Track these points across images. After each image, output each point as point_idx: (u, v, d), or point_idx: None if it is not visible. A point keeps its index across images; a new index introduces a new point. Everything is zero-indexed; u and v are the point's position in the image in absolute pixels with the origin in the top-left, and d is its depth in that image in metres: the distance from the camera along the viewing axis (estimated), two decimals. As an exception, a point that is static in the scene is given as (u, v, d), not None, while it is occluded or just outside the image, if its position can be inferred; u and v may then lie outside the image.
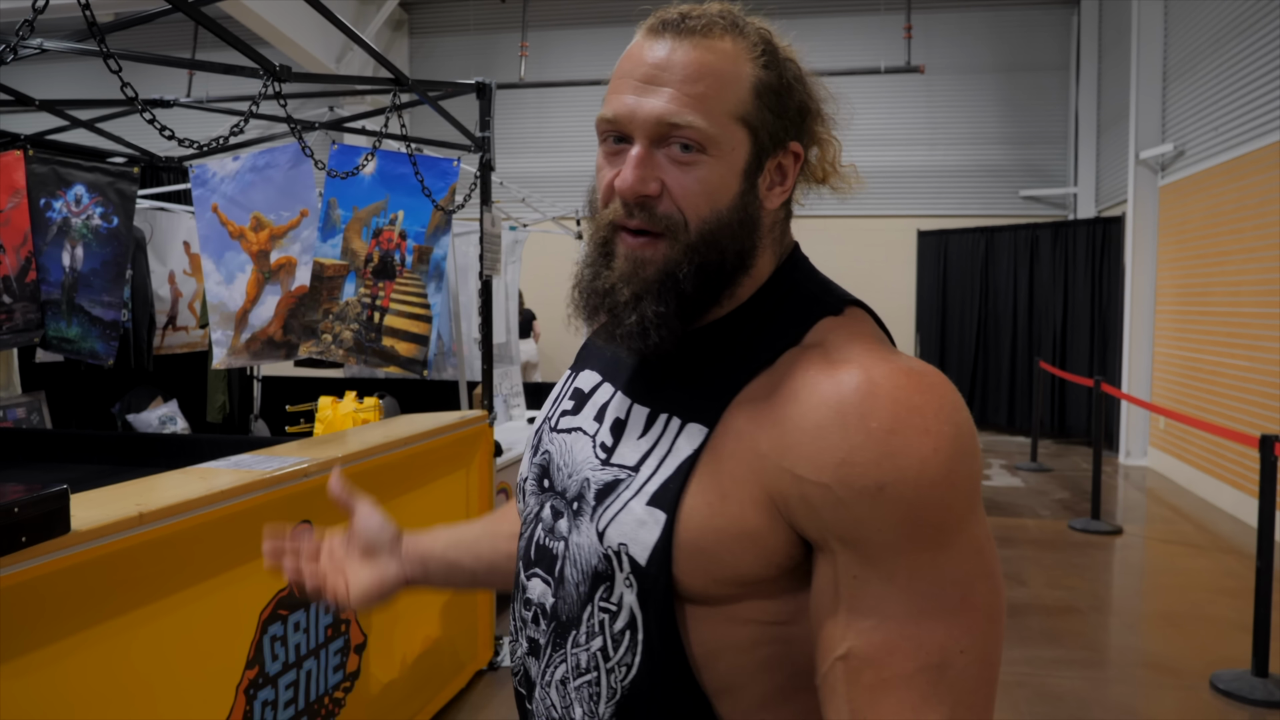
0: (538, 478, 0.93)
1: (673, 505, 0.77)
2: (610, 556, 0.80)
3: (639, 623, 0.80)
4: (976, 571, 0.73)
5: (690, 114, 0.78)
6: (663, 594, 0.78)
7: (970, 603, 0.72)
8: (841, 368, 0.75)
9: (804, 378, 0.77)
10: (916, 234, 10.32)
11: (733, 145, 0.80)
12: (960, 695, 0.71)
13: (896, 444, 0.71)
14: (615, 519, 0.81)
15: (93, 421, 4.74)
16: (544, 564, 0.88)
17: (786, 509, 0.75)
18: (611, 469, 0.83)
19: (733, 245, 0.81)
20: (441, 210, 3.32)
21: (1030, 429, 8.38)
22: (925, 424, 0.71)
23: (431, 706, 2.97)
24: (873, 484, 0.71)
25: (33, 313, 3.35)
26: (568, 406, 0.95)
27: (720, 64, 0.79)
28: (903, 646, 0.71)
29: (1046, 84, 10.29)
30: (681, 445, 0.80)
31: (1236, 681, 3.32)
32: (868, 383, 0.73)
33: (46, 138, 4.02)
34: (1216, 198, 6.58)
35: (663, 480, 0.79)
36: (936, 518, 0.71)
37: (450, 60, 11.21)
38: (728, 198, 0.80)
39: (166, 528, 1.76)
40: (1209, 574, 4.83)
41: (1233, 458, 6.13)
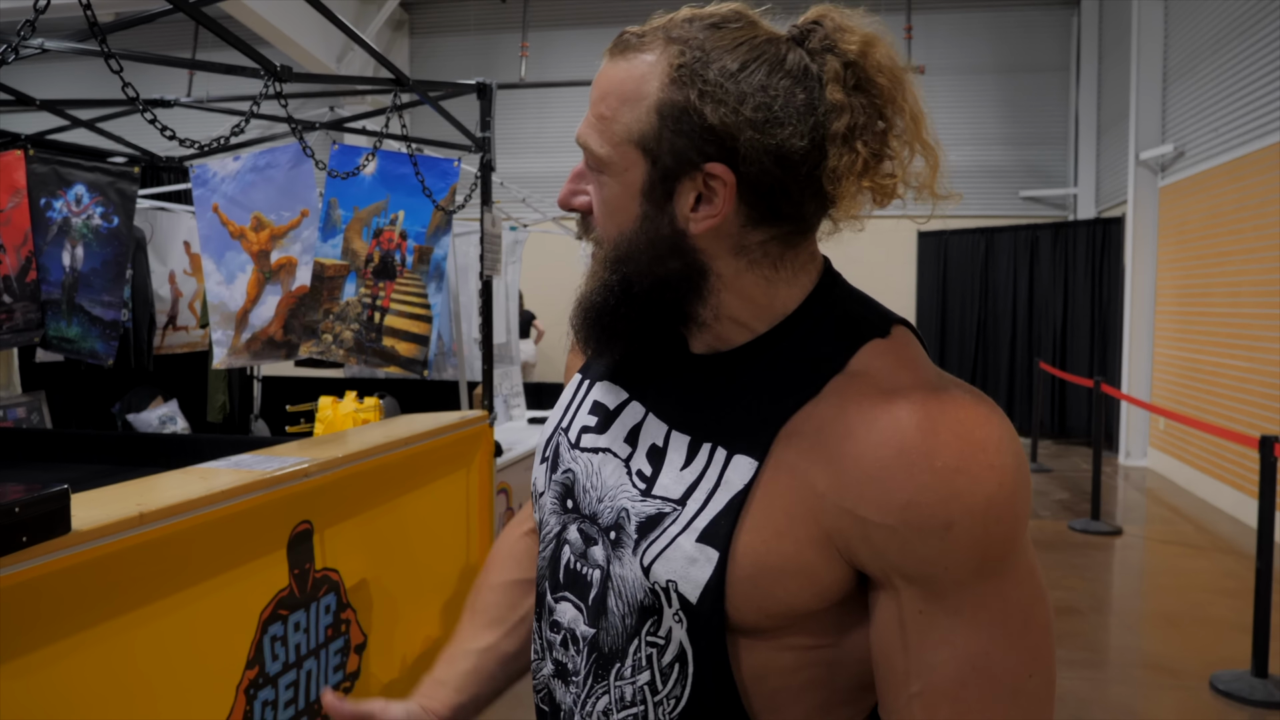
0: (560, 497, 0.90)
1: (725, 543, 0.76)
2: (659, 592, 0.79)
3: (689, 657, 0.79)
4: (1034, 594, 0.74)
5: (589, 136, 0.80)
6: (716, 630, 0.77)
7: (1032, 624, 0.73)
8: (898, 403, 0.73)
9: (858, 413, 0.74)
10: (916, 234, 10.32)
11: (625, 167, 0.79)
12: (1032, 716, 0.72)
13: (962, 483, 0.70)
14: (662, 555, 0.79)
15: (93, 421, 4.74)
16: (576, 589, 0.87)
17: (847, 548, 0.74)
18: (654, 501, 0.81)
19: (652, 266, 0.80)
20: (442, 210, 3.32)
21: (1030, 429, 8.38)
22: (989, 460, 0.71)
23: (431, 706, 2.97)
24: (940, 524, 0.70)
25: (33, 312, 3.35)
26: (589, 423, 0.91)
27: (626, 85, 0.78)
28: (975, 679, 0.71)
29: (1047, 85, 10.29)
30: (730, 479, 0.78)
31: (1236, 682, 3.33)
32: (929, 420, 0.72)
33: (47, 137, 4.02)
34: (1217, 198, 6.58)
35: (713, 516, 0.77)
36: (1001, 550, 0.71)
37: (451, 60, 11.22)
38: (629, 219, 0.80)
39: (167, 528, 1.76)
40: (1209, 575, 4.83)
41: (1232, 458, 6.13)
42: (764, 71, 0.75)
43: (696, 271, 0.80)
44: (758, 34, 0.77)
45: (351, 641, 2.50)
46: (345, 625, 2.48)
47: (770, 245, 0.81)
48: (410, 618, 2.87)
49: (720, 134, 0.75)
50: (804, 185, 0.77)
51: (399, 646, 2.78)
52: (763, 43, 0.77)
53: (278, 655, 2.18)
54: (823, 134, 0.76)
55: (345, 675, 2.47)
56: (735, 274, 0.81)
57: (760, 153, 0.75)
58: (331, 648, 2.41)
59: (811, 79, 0.76)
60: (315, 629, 2.33)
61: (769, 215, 0.79)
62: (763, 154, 0.75)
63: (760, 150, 0.75)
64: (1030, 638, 0.73)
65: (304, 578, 2.26)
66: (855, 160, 0.76)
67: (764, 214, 0.78)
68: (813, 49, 0.77)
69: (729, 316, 0.82)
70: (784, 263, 0.82)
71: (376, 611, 2.62)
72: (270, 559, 2.15)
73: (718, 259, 0.80)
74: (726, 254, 0.80)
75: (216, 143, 2.30)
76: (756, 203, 0.78)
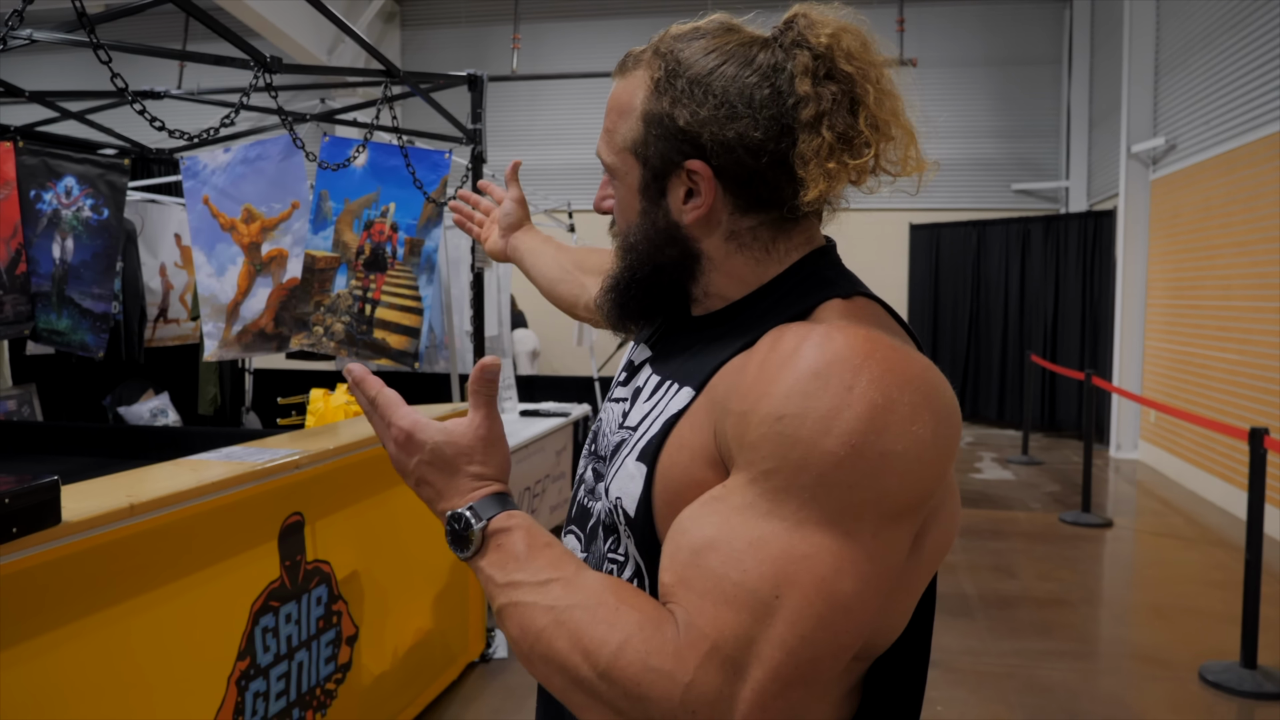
0: (591, 442, 1.01)
1: (652, 458, 0.83)
2: (613, 510, 0.87)
3: (644, 572, 0.85)
4: (845, 549, 0.70)
5: (600, 147, 0.92)
6: (653, 543, 0.82)
7: (818, 565, 0.69)
8: (816, 330, 0.77)
9: (778, 339, 0.79)
10: (909, 227, 10.33)
11: (627, 171, 0.90)
12: (773, 630, 0.68)
13: (813, 387, 0.71)
14: (616, 475, 0.88)
15: (84, 414, 4.73)
16: (579, 521, 0.96)
17: (723, 446, 0.78)
18: (623, 431, 0.91)
19: (655, 253, 0.90)
20: (433, 202, 3.31)
21: (1021, 422, 8.41)
22: (852, 384, 0.71)
23: (423, 698, 2.98)
24: (774, 413, 0.72)
25: (23, 305, 3.34)
26: (620, 378, 1.01)
27: (622, 99, 0.90)
28: (724, 551, 0.71)
29: (1039, 77, 10.30)
30: (670, 405, 0.86)
31: (1225, 673, 3.35)
32: (824, 340, 0.75)
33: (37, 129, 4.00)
34: (1208, 191, 6.60)
35: (649, 437, 0.85)
36: (822, 471, 0.69)
37: (442, 52, 11.18)
38: (634, 215, 0.91)
39: (157, 519, 1.76)
40: (1198, 566, 4.86)
41: (1223, 451, 6.17)
42: (730, 72, 0.83)
43: (690, 256, 0.89)
44: (732, 39, 0.85)
45: (343, 633, 2.51)
46: (337, 617, 2.48)
47: (761, 230, 0.87)
48: (402, 610, 2.87)
49: (690, 133, 0.84)
50: (778, 171, 0.82)
51: (391, 638, 2.78)
52: (735, 46, 0.85)
53: (269, 646, 2.18)
54: (792, 122, 0.81)
55: (337, 667, 2.47)
56: (725, 256, 0.88)
57: (725, 145, 0.82)
58: (323, 639, 2.41)
59: (780, 73, 0.82)
60: (307, 620, 2.33)
61: (754, 202, 0.85)
62: (729, 146, 0.82)
63: (723, 143, 0.82)
64: (806, 570, 0.69)
65: (295, 569, 2.27)
66: (821, 144, 0.80)
67: (749, 201, 0.85)
68: (786, 45, 0.84)
69: (717, 293, 0.90)
70: (776, 246, 0.88)
71: (368, 603, 2.62)
72: (261, 550, 2.15)
73: (709, 244, 0.88)
74: (718, 239, 0.88)
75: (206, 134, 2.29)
76: (740, 191, 0.85)
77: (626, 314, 0.95)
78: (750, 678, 0.68)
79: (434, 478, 0.86)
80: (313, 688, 2.36)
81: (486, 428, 0.85)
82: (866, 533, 0.70)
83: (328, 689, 2.43)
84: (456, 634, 3.26)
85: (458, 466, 0.85)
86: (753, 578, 0.69)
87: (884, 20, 9.69)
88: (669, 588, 0.74)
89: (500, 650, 3.51)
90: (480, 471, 0.85)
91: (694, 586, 0.71)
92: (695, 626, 0.70)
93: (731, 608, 0.69)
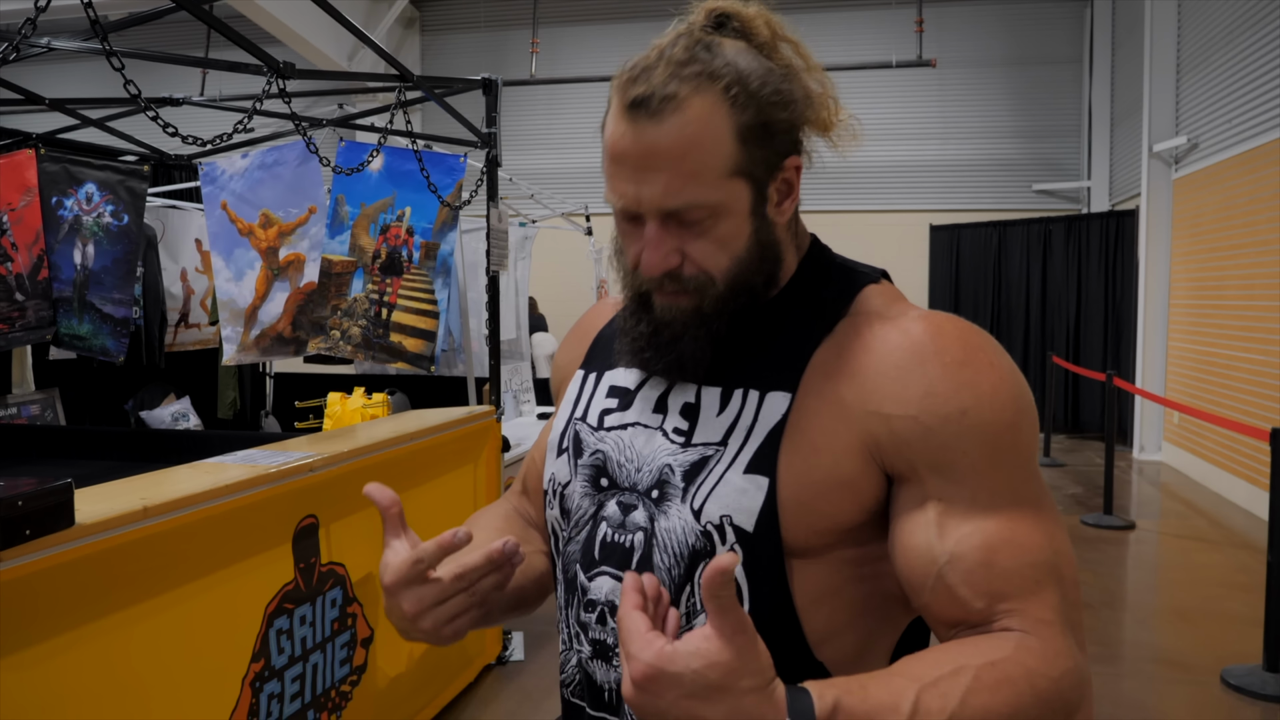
0: (591, 479, 0.92)
1: (772, 468, 0.82)
2: (711, 532, 0.83)
3: (744, 593, 0.83)
4: (1044, 490, 0.83)
5: (688, 193, 0.81)
6: (772, 556, 0.82)
7: (1042, 506, 0.81)
8: (905, 320, 0.85)
9: (872, 335, 0.85)
10: (929, 228, 10.28)
11: (735, 198, 0.83)
12: (1064, 580, 0.79)
13: (969, 375, 0.80)
14: (713, 493, 0.84)
15: (106, 418, 4.78)
16: (614, 559, 0.88)
17: (877, 449, 0.82)
18: (696, 449, 0.86)
19: (759, 275, 0.87)
20: (448, 206, 3.33)
21: (1043, 424, 8.34)
22: (990, 358, 0.82)
23: (439, 701, 2.99)
24: (956, 409, 0.79)
25: (45, 310, 3.38)
26: (610, 405, 0.94)
27: (700, 132, 0.80)
28: (1005, 548, 0.78)
29: (1059, 77, 10.23)
30: (767, 413, 0.84)
31: (1248, 677, 3.30)
32: (934, 326, 0.83)
33: (58, 136, 4.06)
34: (1230, 191, 6.52)
35: (756, 447, 0.83)
36: (1010, 439, 0.80)
37: (461, 57, 11.24)
38: (743, 242, 0.86)
39: (171, 521, 1.78)
40: (1222, 569, 4.80)
41: (1247, 452, 6.09)
42: (766, 68, 0.84)
43: (778, 260, 0.90)
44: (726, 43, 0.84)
45: (358, 635, 2.52)
46: (352, 619, 2.49)
47: (795, 215, 0.92)
48: (418, 612, 2.88)
49: (787, 129, 0.86)
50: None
51: (405, 641, 2.79)
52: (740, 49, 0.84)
53: (283, 649, 2.20)
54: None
55: (352, 669, 2.49)
56: (785, 249, 0.91)
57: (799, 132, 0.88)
58: (338, 641, 2.43)
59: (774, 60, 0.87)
60: (321, 623, 2.35)
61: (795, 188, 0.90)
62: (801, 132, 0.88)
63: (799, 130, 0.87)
64: (1049, 522, 0.81)
65: (309, 571, 2.28)
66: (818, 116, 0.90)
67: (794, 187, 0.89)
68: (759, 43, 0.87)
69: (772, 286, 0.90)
70: (797, 230, 0.93)
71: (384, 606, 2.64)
72: (275, 553, 2.17)
73: (784, 240, 0.91)
74: (786, 233, 0.91)
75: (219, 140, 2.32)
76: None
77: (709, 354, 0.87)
78: (1077, 627, 0.80)
79: (706, 711, 0.67)
80: (327, 690, 2.37)
81: (739, 628, 0.66)
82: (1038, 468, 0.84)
83: (343, 691, 2.44)
84: (473, 636, 3.27)
85: (729, 686, 0.66)
86: (1040, 555, 0.79)
87: (903, 21, 9.66)
88: (984, 611, 0.78)
89: (516, 653, 3.52)
90: (756, 683, 0.67)
91: (1010, 593, 0.77)
92: (1043, 621, 0.77)
93: (1045, 587, 0.78)
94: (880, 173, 10.42)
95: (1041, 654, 0.75)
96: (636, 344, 0.90)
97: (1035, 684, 0.73)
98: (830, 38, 9.95)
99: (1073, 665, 0.76)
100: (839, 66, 8.88)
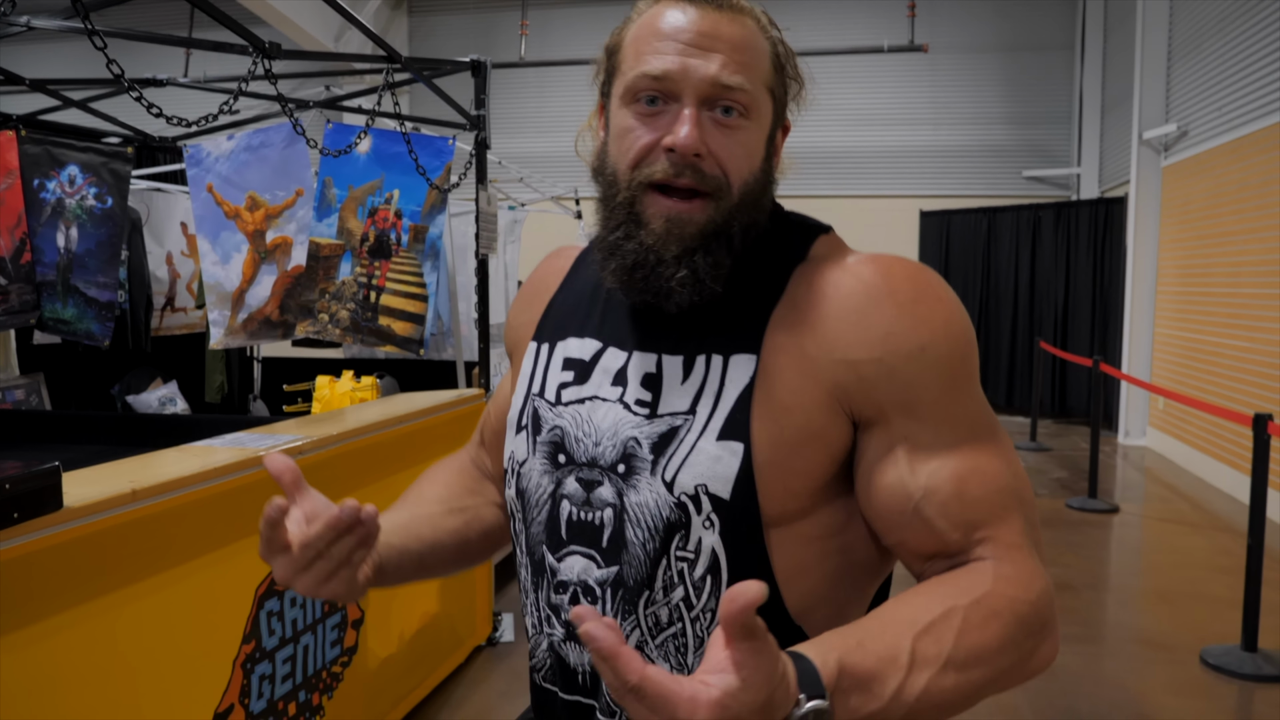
0: (549, 456, 0.90)
1: (745, 432, 0.82)
2: (685, 503, 0.82)
3: (722, 564, 0.82)
4: (991, 413, 0.87)
5: (741, 75, 0.83)
6: (751, 523, 0.82)
7: (997, 432, 0.86)
8: (854, 264, 0.86)
9: (823, 281, 0.86)
10: (919, 214, 10.29)
11: (764, 111, 0.86)
12: (1025, 502, 0.83)
13: (924, 311, 0.82)
14: (686, 463, 0.83)
15: (92, 403, 4.76)
16: (583, 538, 0.87)
17: (845, 397, 0.83)
18: (663, 420, 0.85)
19: (762, 205, 0.88)
20: (437, 189, 3.32)
21: (1030, 409, 8.38)
22: (938, 293, 0.84)
23: (430, 682, 3.00)
24: (915, 347, 0.82)
25: (28, 294, 3.36)
26: (566, 379, 0.92)
27: (753, 37, 0.85)
28: (973, 477, 0.81)
29: (1051, 64, 10.22)
30: (734, 376, 0.84)
31: (1226, 656, 3.35)
32: (883, 267, 0.85)
33: (39, 118, 4.01)
34: (1219, 178, 6.55)
35: (727, 413, 0.83)
36: (964, 368, 0.84)
37: (450, 39, 11.16)
38: (759, 161, 0.87)
39: (160, 504, 1.78)
40: (1204, 552, 4.85)
41: (1230, 437, 6.14)
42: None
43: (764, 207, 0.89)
44: None
45: (349, 617, 2.53)
46: (341, 602, 2.50)
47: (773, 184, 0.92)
48: (407, 594, 2.89)
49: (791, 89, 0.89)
50: None
51: (397, 622, 2.80)
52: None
53: (274, 630, 2.20)
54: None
55: (343, 650, 2.50)
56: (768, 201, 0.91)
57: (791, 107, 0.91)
58: (328, 623, 2.43)
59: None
60: (312, 605, 2.35)
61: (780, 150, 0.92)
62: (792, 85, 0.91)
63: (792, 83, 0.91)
64: (1002, 442, 0.85)
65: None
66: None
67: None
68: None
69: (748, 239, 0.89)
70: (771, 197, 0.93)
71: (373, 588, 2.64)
72: (264, 536, 2.17)
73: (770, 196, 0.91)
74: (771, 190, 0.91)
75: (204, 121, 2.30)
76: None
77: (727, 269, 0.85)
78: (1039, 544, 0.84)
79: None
80: (319, 671, 2.38)
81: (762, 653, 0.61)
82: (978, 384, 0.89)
83: (334, 672, 2.45)
84: (463, 618, 3.28)
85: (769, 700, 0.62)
86: (1003, 480, 0.82)
87: (895, 6, 9.64)
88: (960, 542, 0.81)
89: (506, 634, 3.53)
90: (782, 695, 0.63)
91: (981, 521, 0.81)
92: (1013, 546, 0.81)
93: (1011, 511, 0.82)
94: (871, 158, 10.41)
95: (1017, 580, 0.78)
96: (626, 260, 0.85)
97: (1018, 611, 0.76)
98: (822, 22, 9.91)
99: (1044, 584, 0.80)
100: (830, 51, 8.86)
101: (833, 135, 9.92)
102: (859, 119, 10.16)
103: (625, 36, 0.88)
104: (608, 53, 0.91)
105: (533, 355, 0.98)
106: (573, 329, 0.95)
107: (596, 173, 0.90)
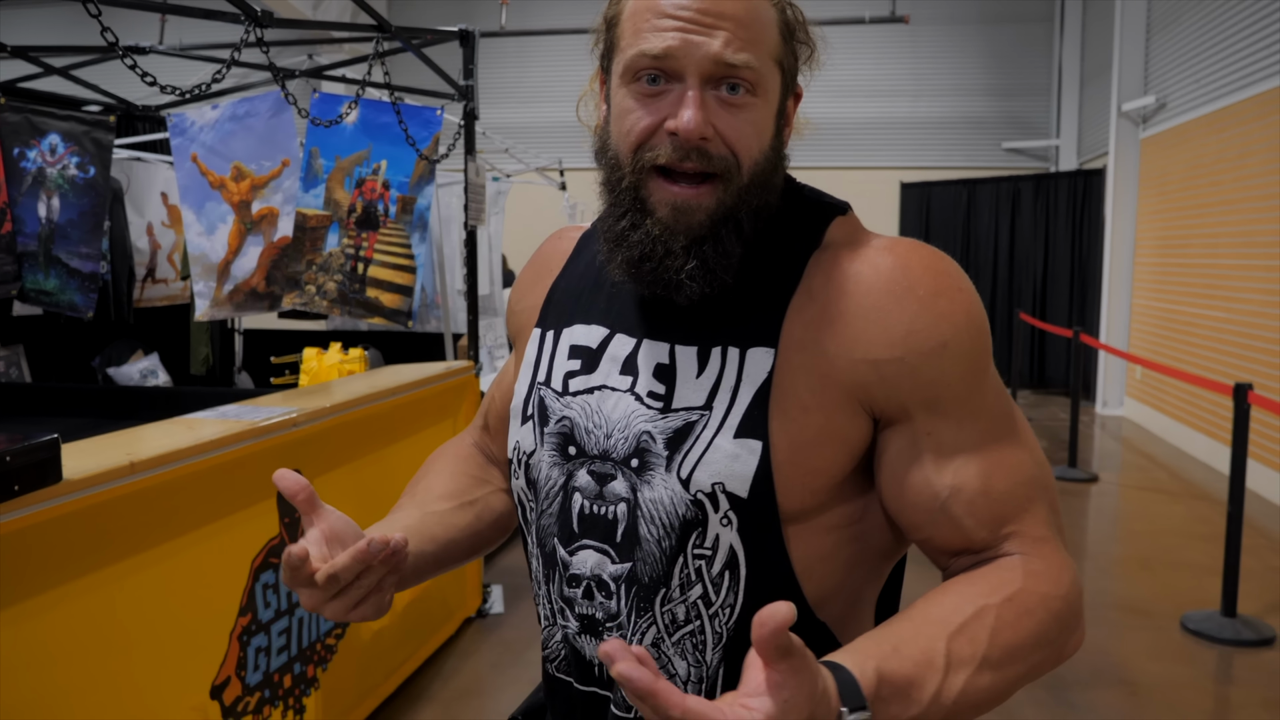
0: (558, 447, 0.88)
1: (764, 431, 0.80)
2: (702, 501, 0.80)
3: (740, 560, 0.81)
4: (1010, 400, 0.86)
5: (746, 52, 0.78)
6: (768, 521, 0.80)
7: (1016, 418, 0.85)
8: (871, 254, 0.83)
9: (842, 274, 0.83)
10: (899, 185, 10.31)
11: (772, 86, 0.82)
12: (1048, 489, 0.83)
13: (944, 305, 0.81)
14: (702, 460, 0.80)
15: (73, 375, 4.71)
16: (596, 532, 0.85)
17: (867, 397, 0.81)
18: (678, 414, 0.82)
19: (773, 184, 0.85)
20: (425, 160, 3.29)
21: (1009, 379, 8.47)
22: (956, 284, 0.83)
23: (421, 653, 3.02)
24: (937, 344, 0.80)
25: (9, 265, 3.31)
26: (573, 368, 0.89)
27: (758, 7, 0.80)
28: (998, 472, 0.81)
29: (1030, 35, 10.23)
30: (751, 372, 0.81)
31: (1206, 622, 3.42)
32: (899, 260, 0.82)
33: (19, 85, 3.93)
34: (1197, 150, 6.60)
35: (744, 409, 0.80)
36: (983, 361, 0.83)
37: (430, 9, 10.99)
38: (769, 138, 0.83)
39: (158, 477, 1.77)
40: (1182, 520, 4.94)
41: (1207, 406, 6.23)
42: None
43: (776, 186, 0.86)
44: None
45: (342, 589, 2.53)
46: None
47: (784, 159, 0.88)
48: (399, 566, 2.90)
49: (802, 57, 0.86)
50: None
51: (389, 594, 2.81)
52: None
53: (270, 603, 2.20)
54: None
55: (337, 623, 2.51)
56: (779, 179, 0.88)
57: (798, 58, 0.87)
58: (322, 596, 2.44)
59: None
60: (306, 577, 2.35)
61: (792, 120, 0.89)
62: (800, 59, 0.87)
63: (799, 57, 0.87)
64: (1025, 435, 0.84)
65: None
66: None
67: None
68: None
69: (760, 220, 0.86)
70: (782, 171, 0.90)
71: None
72: (261, 508, 2.16)
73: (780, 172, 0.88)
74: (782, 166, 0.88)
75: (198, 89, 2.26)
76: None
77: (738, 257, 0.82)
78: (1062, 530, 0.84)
79: None
80: (313, 643, 2.39)
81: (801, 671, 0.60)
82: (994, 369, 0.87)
83: (328, 644, 2.46)
84: (454, 590, 3.29)
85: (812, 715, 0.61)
86: (1027, 470, 0.82)
87: (876, -25, 9.59)
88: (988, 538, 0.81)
89: (496, 605, 3.55)
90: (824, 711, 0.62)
91: (1009, 515, 0.81)
92: (1040, 539, 0.81)
93: (1036, 502, 0.82)
94: (852, 129, 10.40)
95: (1047, 575, 0.79)
96: (633, 252, 0.82)
97: (1051, 607, 0.77)
98: (803, -8, 9.85)
99: (1072, 575, 0.81)
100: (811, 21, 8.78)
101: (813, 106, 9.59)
102: (840, 90, 10.13)
103: (624, 8, 0.83)
104: (606, 24, 0.86)
105: (537, 342, 0.95)
106: (578, 315, 0.92)
107: (599, 154, 0.87)
